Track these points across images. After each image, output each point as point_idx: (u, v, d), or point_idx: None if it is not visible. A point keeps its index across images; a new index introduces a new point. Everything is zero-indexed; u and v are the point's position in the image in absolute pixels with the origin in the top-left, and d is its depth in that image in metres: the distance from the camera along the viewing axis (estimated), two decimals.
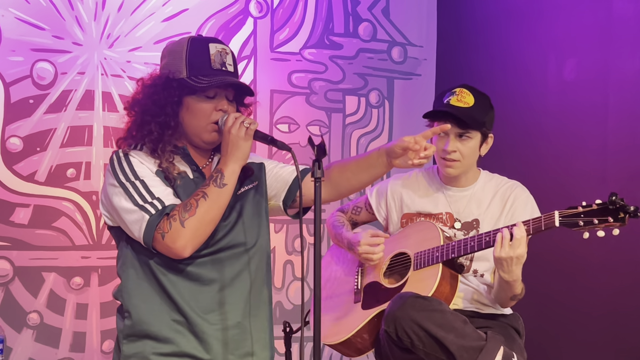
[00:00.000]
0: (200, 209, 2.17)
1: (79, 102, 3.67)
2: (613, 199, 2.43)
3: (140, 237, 2.20)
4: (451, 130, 2.82)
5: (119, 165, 2.26)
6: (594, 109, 3.63)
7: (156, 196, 2.20)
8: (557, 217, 2.51)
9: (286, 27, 4.17)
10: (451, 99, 2.84)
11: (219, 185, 2.20)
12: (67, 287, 3.64)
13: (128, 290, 2.29)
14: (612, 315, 3.50)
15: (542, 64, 3.91)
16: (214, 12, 3.97)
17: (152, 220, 2.17)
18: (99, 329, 3.69)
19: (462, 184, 2.93)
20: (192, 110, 2.28)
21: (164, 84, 2.27)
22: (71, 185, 3.65)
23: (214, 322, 2.28)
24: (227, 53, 2.32)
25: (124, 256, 2.31)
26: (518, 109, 3.96)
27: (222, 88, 2.29)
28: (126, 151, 2.29)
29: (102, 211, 2.33)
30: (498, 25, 4.19)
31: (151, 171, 2.26)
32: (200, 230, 2.18)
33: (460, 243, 2.72)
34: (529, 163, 3.90)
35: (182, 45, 2.31)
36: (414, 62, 4.51)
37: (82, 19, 3.67)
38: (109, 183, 2.27)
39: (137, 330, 2.28)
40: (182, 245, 2.16)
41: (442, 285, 2.72)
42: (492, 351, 2.54)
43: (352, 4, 4.35)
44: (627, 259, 3.44)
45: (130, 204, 2.20)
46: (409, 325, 2.57)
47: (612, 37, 3.57)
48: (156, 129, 2.27)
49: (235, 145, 2.22)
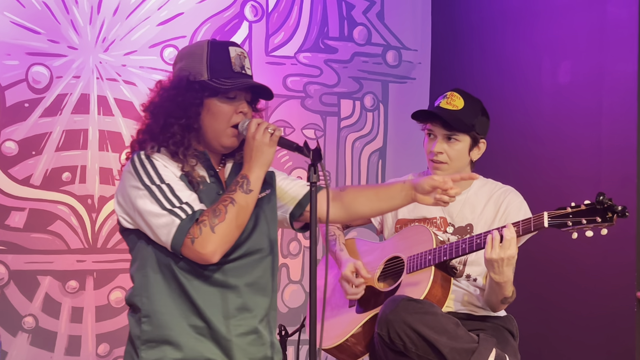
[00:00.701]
0: (229, 214, 2.16)
1: (74, 106, 3.67)
2: (601, 199, 2.44)
3: (168, 241, 2.17)
4: (438, 132, 2.85)
5: (142, 168, 2.22)
6: (588, 112, 3.64)
7: (184, 201, 2.18)
8: (546, 218, 2.53)
9: (281, 30, 4.18)
10: (441, 102, 2.88)
11: (246, 191, 2.20)
12: (62, 290, 3.64)
13: (148, 294, 2.25)
14: (605, 317, 3.51)
15: (537, 66, 3.92)
16: (209, 16, 3.98)
17: (184, 224, 2.15)
18: (94, 333, 3.69)
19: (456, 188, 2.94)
20: (213, 112, 2.27)
21: (186, 86, 2.26)
22: (66, 189, 3.65)
23: (234, 328, 2.26)
24: (245, 57, 2.34)
25: (142, 259, 2.27)
26: (513, 111, 3.97)
27: (243, 90, 2.30)
28: (148, 153, 2.25)
29: (119, 213, 2.28)
30: (492, 28, 4.21)
31: (175, 175, 2.24)
32: (229, 236, 2.17)
33: (452, 245, 2.73)
34: (524, 165, 3.92)
35: (202, 48, 2.30)
36: (409, 65, 4.52)
37: (78, 23, 3.68)
38: (130, 185, 2.22)
39: (156, 335, 2.24)
40: (212, 251, 2.14)
41: (434, 288, 2.72)
42: (484, 353, 2.55)
43: (347, 7, 4.36)
44: (618, 261, 3.45)
45: (158, 208, 2.17)
46: (401, 328, 2.58)
47: (606, 40, 3.58)
48: (179, 131, 2.25)
49: (260, 151, 2.22)
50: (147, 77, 3.81)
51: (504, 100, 4.00)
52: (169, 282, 2.24)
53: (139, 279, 2.29)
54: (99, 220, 3.71)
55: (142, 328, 2.25)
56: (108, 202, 3.73)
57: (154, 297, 2.24)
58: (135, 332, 2.27)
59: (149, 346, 2.24)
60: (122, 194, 2.26)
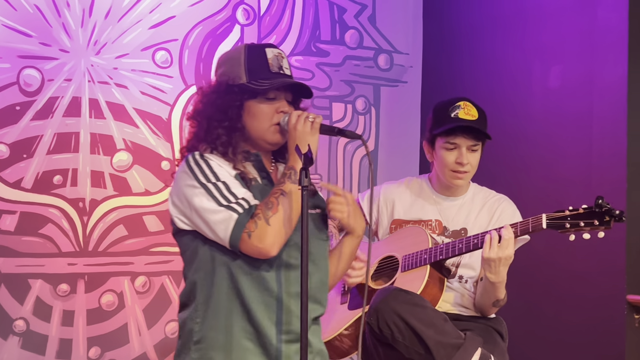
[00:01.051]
0: (281, 206, 2.18)
1: (65, 109, 3.66)
2: (600, 202, 2.50)
3: (226, 237, 2.17)
4: (463, 143, 2.87)
5: (198, 167, 2.24)
6: (578, 116, 3.66)
7: (240, 197, 2.20)
8: (544, 219, 2.57)
9: (273, 34, 4.19)
10: (459, 113, 2.88)
11: (294, 181, 2.21)
12: (53, 294, 3.63)
13: (204, 295, 2.25)
14: (596, 320, 3.52)
15: (527, 71, 3.94)
16: (201, 19, 3.98)
17: (242, 218, 2.16)
18: (86, 336, 3.69)
19: (454, 193, 2.98)
20: (253, 113, 2.30)
21: (226, 90, 2.30)
22: (58, 192, 3.64)
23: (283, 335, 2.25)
24: (283, 57, 2.36)
25: (198, 261, 2.26)
26: (503, 115, 3.99)
27: (282, 90, 2.32)
28: (202, 153, 2.28)
29: (174, 214, 2.28)
30: (483, 33, 4.22)
31: (230, 174, 2.26)
32: (284, 228, 2.18)
33: (448, 245, 2.76)
34: (514, 169, 3.93)
35: (239, 53, 2.34)
36: (400, 69, 4.53)
37: (69, 26, 3.67)
38: (186, 184, 2.23)
39: (207, 336, 2.24)
40: (270, 243, 2.15)
41: (429, 286, 2.75)
42: (469, 350, 2.57)
43: (339, 11, 4.37)
44: (609, 265, 3.47)
45: (215, 205, 2.18)
46: (390, 317, 2.60)
47: (596, 45, 3.60)
48: (224, 133, 2.29)
49: (303, 140, 2.23)
50: (138, 80, 3.82)
51: (495, 104, 4.01)
52: (225, 283, 2.23)
53: (194, 280, 2.28)
54: (90, 223, 3.71)
55: (194, 328, 2.25)
56: (99, 205, 3.72)
57: (208, 298, 2.24)
58: (187, 331, 2.27)
59: (199, 347, 2.24)
60: (177, 195, 2.27)
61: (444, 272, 2.84)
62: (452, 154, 2.88)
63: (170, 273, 3.87)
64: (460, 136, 2.87)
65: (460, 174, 2.89)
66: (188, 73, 3.93)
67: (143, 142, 3.83)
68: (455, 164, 2.87)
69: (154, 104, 3.85)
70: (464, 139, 2.87)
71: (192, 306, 2.27)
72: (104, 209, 3.73)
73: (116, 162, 3.77)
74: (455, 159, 2.87)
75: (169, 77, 3.89)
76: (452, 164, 2.88)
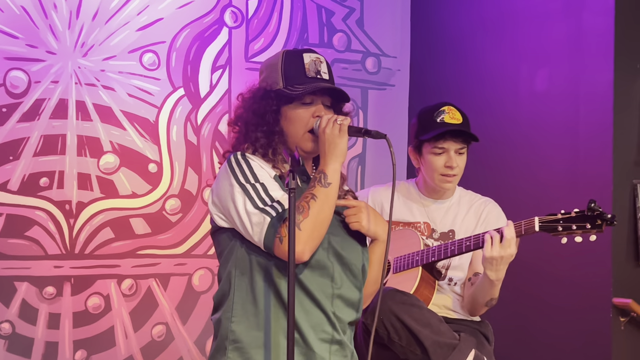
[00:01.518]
0: (312, 210, 2.17)
1: (52, 111, 3.65)
2: (592, 206, 2.54)
3: (260, 240, 2.18)
4: (451, 147, 2.90)
5: (238, 167, 2.26)
6: (565, 120, 3.67)
7: (276, 199, 2.20)
8: (537, 222, 2.60)
9: (261, 37, 4.19)
10: (444, 117, 2.91)
11: (325, 185, 2.21)
12: (39, 296, 3.62)
13: (241, 295, 2.25)
14: (582, 323, 3.54)
15: (514, 74, 3.96)
16: (189, 21, 3.97)
17: (273, 223, 2.16)
18: (72, 339, 3.67)
19: (441, 197, 3.01)
20: (290, 118, 2.31)
21: (263, 95, 2.32)
22: (44, 195, 3.63)
23: (320, 335, 2.24)
24: (322, 62, 2.37)
25: (235, 259, 2.27)
26: (490, 119, 4.00)
27: (318, 95, 2.32)
28: (244, 153, 2.29)
29: (213, 212, 2.29)
30: (471, 36, 4.24)
31: (270, 175, 2.27)
32: (315, 232, 2.18)
33: (440, 247, 2.79)
34: (501, 173, 3.94)
35: (278, 58, 2.36)
36: (388, 72, 4.54)
37: (56, 28, 3.66)
38: (226, 183, 2.25)
39: (244, 337, 2.23)
40: (301, 249, 2.14)
41: (421, 287, 2.78)
42: (464, 351, 2.58)
43: (327, 14, 4.37)
44: (595, 268, 3.48)
45: (251, 206, 2.19)
46: (386, 317, 2.62)
47: (582, 49, 3.62)
48: (262, 136, 2.31)
49: (332, 143, 2.24)
50: (126, 82, 3.81)
51: (482, 107, 4.03)
52: (262, 282, 2.23)
53: (230, 280, 2.27)
54: (77, 226, 3.69)
55: (230, 327, 2.25)
56: (86, 207, 3.71)
57: (245, 297, 2.24)
58: (224, 331, 2.26)
59: (237, 346, 2.23)
60: (217, 193, 2.29)
61: (435, 274, 2.86)
62: (441, 158, 2.91)
63: (156, 276, 3.86)
64: (448, 140, 2.90)
65: (450, 177, 2.92)
66: (175, 75, 3.93)
67: (130, 145, 3.82)
68: (445, 168, 2.90)
69: (141, 106, 3.85)
70: (452, 142, 2.90)
71: (229, 305, 2.26)
72: (90, 212, 3.72)
73: (103, 164, 3.76)
74: (445, 163, 2.90)
75: (156, 80, 3.88)
76: (441, 168, 2.91)
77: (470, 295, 2.86)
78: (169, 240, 3.89)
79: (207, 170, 3.99)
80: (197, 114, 3.98)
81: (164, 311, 3.88)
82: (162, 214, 3.88)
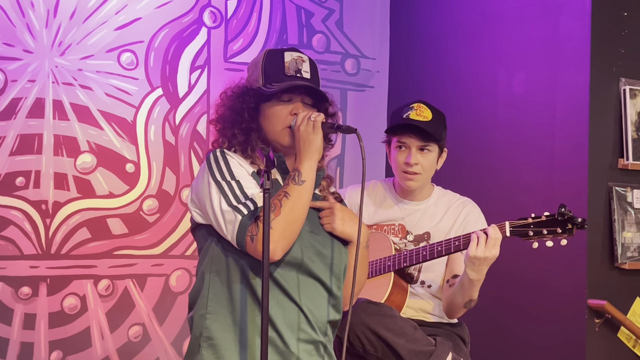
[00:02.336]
0: (284, 208, 2.16)
1: (29, 110, 3.63)
2: (562, 211, 2.53)
3: (233, 238, 2.17)
4: (412, 143, 2.87)
5: (216, 164, 2.26)
6: (541, 122, 3.70)
7: (249, 197, 2.20)
8: (507, 227, 2.59)
9: (240, 37, 4.18)
10: (410, 114, 2.88)
11: (298, 182, 2.21)
12: (14, 297, 3.59)
13: (216, 292, 2.24)
14: (557, 324, 3.56)
15: (492, 77, 3.97)
16: (168, 21, 3.96)
17: (244, 221, 2.16)
18: (47, 340, 3.65)
19: (417, 198, 2.98)
20: (267, 115, 2.32)
21: (242, 93, 2.34)
22: (20, 194, 3.60)
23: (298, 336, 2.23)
24: (304, 61, 2.36)
25: (212, 256, 2.27)
26: (468, 121, 4.02)
27: (296, 94, 2.32)
28: (224, 150, 2.30)
29: (191, 208, 2.30)
30: (449, 39, 4.25)
31: (248, 172, 2.27)
32: (287, 230, 2.16)
33: (412, 252, 2.76)
34: (476, 175, 3.96)
35: (260, 57, 2.38)
36: (367, 74, 4.55)
37: (33, 26, 3.64)
38: (204, 180, 2.26)
39: (219, 334, 2.22)
40: (272, 248, 2.13)
41: (393, 293, 2.76)
42: (441, 356, 2.58)
43: (306, 15, 4.37)
44: (570, 270, 3.51)
45: (225, 204, 2.19)
46: (361, 330, 2.60)
47: (559, 52, 3.64)
48: (239, 133, 2.32)
49: (307, 141, 2.24)
50: (103, 81, 3.79)
51: (460, 109, 4.04)
52: (238, 279, 2.22)
53: (206, 277, 2.27)
54: (53, 225, 3.67)
55: (205, 325, 2.24)
56: (62, 207, 3.69)
57: (220, 295, 2.23)
58: (198, 330, 2.26)
59: (211, 344, 2.22)
60: (195, 190, 2.30)
61: (407, 279, 2.85)
62: (402, 154, 2.89)
63: (133, 277, 3.84)
64: (406, 135, 2.86)
65: (410, 175, 2.88)
66: (154, 75, 3.91)
67: (107, 145, 3.80)
68: (404, 165, 2.88)
69: (118, 106, 3.83)
70: (411, 138, 2.86)
71: (203, 302, 2.26)
72: (67, 212, 3.69)
73: (80, 164, 3.74)
74: (404, 159, 2.88)
75: (134, 79, 3.87)
76: (401, 164, 2.88)
77: (448, 297, 2.85)
78: (146, 240, 3.88)
79: (185, 171, 3.98)
80: (176, 114, 3.97)
81: (141, 312, 3.86)
82: (139, 214, 3.87)
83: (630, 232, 3.54)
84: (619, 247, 3.49)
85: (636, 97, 3.59)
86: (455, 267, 2.88)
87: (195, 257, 3.90)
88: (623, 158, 3.54)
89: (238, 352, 2.21)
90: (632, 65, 3.61)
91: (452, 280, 2.87)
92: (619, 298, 3.50)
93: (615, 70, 3.56)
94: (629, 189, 3.56)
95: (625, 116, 3.55)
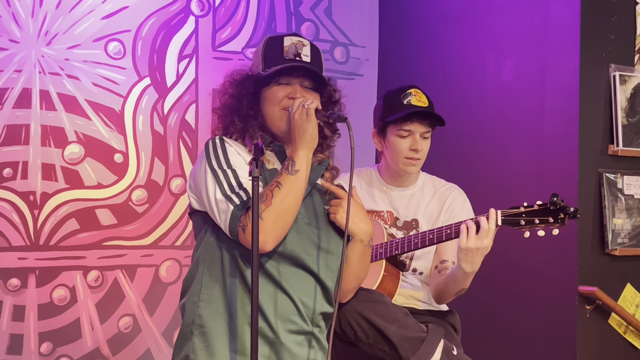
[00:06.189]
0: (275, 198, 2.13)
1: (15, 100, 3.60)
2: (554, 200, 2.51)
3: (226, 228, 2.16)
4: (418, 129, 2.87)
5: (214, 151, 2.24)
6: (531, 109, 3.69)
7: (243, 186, 2.17)
8: (499, 215, 2.57)
9: (228, 25, 4.15)
10: (412, 100, 2.88)
11: (291, 172, 2.17)
12: (3, 288, 3.57)
13: (210, 280, 2.22)
14: (548, 311, 3.57)
15: (481, 64, 3.97)
16: (155, 10, 3.93)
17: (236, 212, 2.13)
18: (37, 331, 3.63)
19: (404, 184, 2.97)
20: (266, 99, 2.30)
21: (242, 80, 2.33)
22: (7, 185, 3.58)
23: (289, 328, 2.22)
24: (305, 45, 2.33)
25: (207, 244, 2.25)
26: (458, 108, 4.01)
27: (295, 76, 2.29)
28: (223, 138, 2.28)
29: (189, 193, 2.29)
30: (438, 26, 4.24)
31: (245, 161, 2.24)
32: (278, 221, 2.13)
33: (403, 240, 2.75)
34: (468, 162, 3.96)
35: (261, 44, 2.36)
36: (357, 62, 4.53)
37: (19, 16, 3.60)
38: (201, 168, 2.24)
39: (210, 323, 2.21)
40: (262, 239, 2.10)
41: (385, 281, 2.75)
42: (433, 342, 2.57)
43: (295, 3, 4.35)
44: (561, 257, 3.51)
45: (219, 193, 2.17)
46: (352, 317, 2.59)
47: (548, 39, 3.64)
48: (239, 120, 2.30)
49: (301, 129, 2.20)
50: (90, 71, 3.76)
51: (449, 96, 4.03)
52: (230, 267, 2.21)
53: (200, 264, 2.25)
54: (42, 217, 3.65)
55: (198, 312, 2.22)
56: (50, 198, 3.66)
57: (213, 282, 2.22)
58: (190, 317, 2.24)
59: (202, 331, 2.21)
60: (193, 176, 2.29)
61: (399, 266, 2.85)
62: (406, 141, 2.88)
63: (123, 267, 3.83)
64: (415, 123, 2.86)
65: (414, 161, 2.89)
66: (141, 64, 3.89)
67: (95, 135, 3.78)
68: (410, 151, 2.87)
69: (106, 96, 3.80)
70: (418, 125, 2.86)
71: (196, 290, 2.24)
72: (55, 202, 3.67)
73: (68, 154, 3.71)
74: (410, 145, 2.87)
75: (121, 69, 3.84)
76: (406, 150, 2.87)
77: (440, 284, 2.84)
78: (135, 231, 3.86)
79: (174, 161, 3.96)
80: (164, 104, 3.95)
81: (131, 303, 3.85)
82: (128, 204, 3.85)
83: (621, 218, 3.54)
84: (610, 233, 3.50)
85: (626, 83, 3.58)
86: (443, 253, 2.88)
87: (185, 248, 3.89)
88: (613, 144, 3.54)
89: (228, 341, 2.19)
90: (621, 51, 3.60)
91: (440, 265, 2.86)
92: (609, 284, 3.50)
93: (605, 56, 3.56)
94: (619, 175, 3.56)
95: (615, 102, 3.55)
